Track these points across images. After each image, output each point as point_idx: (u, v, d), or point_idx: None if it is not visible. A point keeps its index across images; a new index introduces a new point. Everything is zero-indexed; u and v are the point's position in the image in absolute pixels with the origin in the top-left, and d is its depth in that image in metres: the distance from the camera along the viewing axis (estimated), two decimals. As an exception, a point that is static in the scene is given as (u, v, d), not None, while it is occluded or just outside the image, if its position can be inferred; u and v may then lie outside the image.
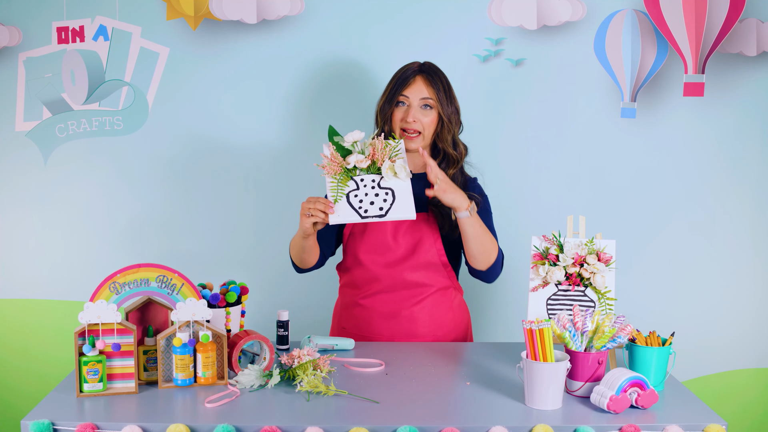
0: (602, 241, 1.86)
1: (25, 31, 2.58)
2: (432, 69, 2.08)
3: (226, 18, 2.53)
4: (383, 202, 1.87)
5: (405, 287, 2.09)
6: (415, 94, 2.04)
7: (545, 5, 2.53)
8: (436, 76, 2.06)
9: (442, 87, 2.05)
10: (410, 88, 2.05)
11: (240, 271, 2.62)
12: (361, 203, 1.87)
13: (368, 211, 1.86)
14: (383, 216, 1.86)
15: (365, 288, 2.12)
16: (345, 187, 1.88)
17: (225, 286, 1.85)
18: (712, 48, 2.47)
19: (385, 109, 2.07)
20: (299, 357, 1.71)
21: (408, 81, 2.05)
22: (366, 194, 1.88)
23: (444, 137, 2.07)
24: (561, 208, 2.60)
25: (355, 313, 2.15)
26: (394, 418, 1.50)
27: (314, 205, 1.86)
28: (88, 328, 1.62)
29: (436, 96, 2.04)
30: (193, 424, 1.47)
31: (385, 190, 1.88)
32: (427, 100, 2.04)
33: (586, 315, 1.67)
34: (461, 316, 2.19)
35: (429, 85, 2.04)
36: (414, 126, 2.03)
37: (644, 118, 2.60)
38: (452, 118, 2.07)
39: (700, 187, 2.64)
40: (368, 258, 2.09)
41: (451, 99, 2.07)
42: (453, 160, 2.08)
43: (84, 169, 2.65)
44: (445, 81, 2.08)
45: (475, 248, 1.98)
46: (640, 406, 1.55)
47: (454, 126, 2.08)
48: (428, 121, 2.05)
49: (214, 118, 2.63)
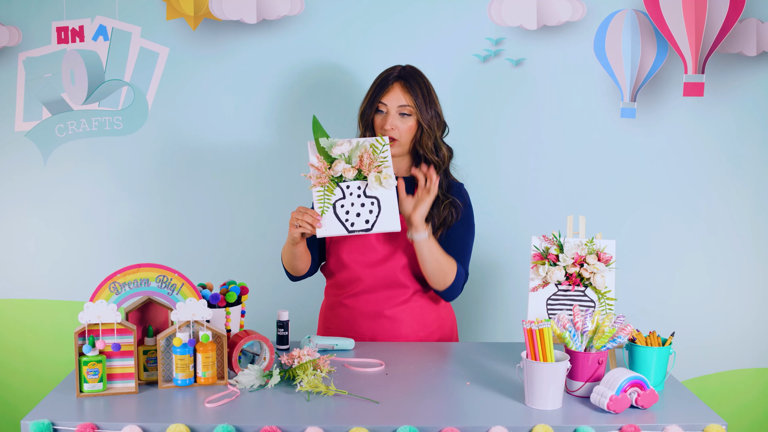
0: (602, 241, 1.86)
1: (25, 31, 2.58)
2: (411, 74, 2.05)
3: (226, 18, 2.53)
4: (369, 214, 1.90)
5: (387, 287, 2.09)
6: (393, 101, 2.02)
7: (545, 5, 2.53)
8: (414, 81, 2.03)
9: (420, 93, 2.02)
10: (388, 95, 2.03)
11: (240, 271, 2.62)
12: (348, 215, 1.90)
13: (355, 224, 1.90)
14: (369, 229, 1.90)
15: (348, 288, 2.13)
16: (332, 196, 1.91)
17: (225, 286, 1.85)
18: (712, 48, 2.47)
19: (366, 114, 2.06)
20: (299, 357, 1.71)
21: (386, 88, 2.03)
22: (352, 204, 1.90)
23: (424, 143, 2.04)
24: (561, 208, 2.59)
25: (339, 313, 2.15)
26: (394, 418, 1.50)
27: (302, 217, 1.89)
28: (88, 328, 1.62)
29: (414, 103, 2.02)
30: (193, 424, 1.47)
31: (371, 200, 1.90)
32: (404, 107, 2.02)
33: (586, 315, 1.67)
34: (445, 317, 2.18)
35: (407, 92, 2.02)
36: (391, 134, 2.02)
37: (644, 118, 2.60)
38: (432, 123, 2.04)
39: (700, 187, 2.64)
40: (350, 258, 2.10)
41: (430, 104, 2.04)
42: (436, 165, 2.05)
43: (84, 170, 2.65)
44: (424, 86, 2.05)
45: (431, 270, 1.99)
46: (640, 406, 1.56)
47: (435, 131, 2.05)
48: (405, 128, 2.03)
49: (213, 118, 2.63)
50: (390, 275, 2.07)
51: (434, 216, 2.03)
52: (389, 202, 1.90)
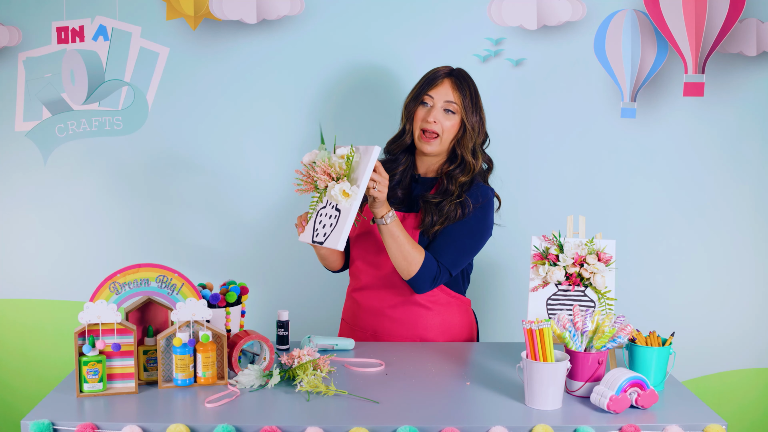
0: (602, 241, 1.86)
1: (25, 31, 2.58)
2: (462, 75, 2.07)
3: (226, 18, 2.53)
4: (329, 227, 1.86)
5: (386, 287, 2.10)
6: (440, 96, 2.03)
7: (545, 5, 2.53)
8: (464, 82, 2.05)
9: (468, 94, 2.04)
10: (436, 89, 2.04)
11: (240, 271, 2.62)
12: (319, 224, 1.90)
13: (318, 236, 1.89)
14: (322, 243, 1.87)
15: (354, 282, 2.18)
16: (319, 203, 1.92)
17: (225, 286, 1.85)
18: (712, 48, 2.47)
19: (410, 106, 2.07)
20: (299, 357, 1.71)
21: (435, 82, 2.04)
22: (327, 214, 1.89)
23: (465, 144, 2.05)
24: (561, 208, 2.59)
25: (349, 306, 2.22)
26: (394, 418, 1.50)
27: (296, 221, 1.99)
28: (88, 328, 1.62)
29: (461, 102, 2.02)
30: (193, 424, 1.47)
31: (336, 213, 1.86)
32: (450, 104, 2.03)
33: (586, 315, 1.67)
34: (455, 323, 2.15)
35: (456, 89, 2.03)
36: (434, 127, 2.02)
37: (644, 118, 2.60)
38: (475, 126, 2.05)
39: (700, 187, 2.64)
40: (357, 253, 2.14)
41: (476, 108, 2.05)
42: (468, 168, 2.05)
43: (84, 169, 2.65)
44: (474, 89, 2.06)
45: (392, 256, 1.98)
46: (640, 406, 1.56)
47: (477, 135, 2.06)
48: (449, 125, 2.03)
49: (213, 118, 2.63)
50: (387, 275, 2.08)
51: (436, 212, 2.02)
52: (345, 218, 1.82)
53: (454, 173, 2.06)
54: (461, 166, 2.06)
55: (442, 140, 2.04)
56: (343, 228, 1.82)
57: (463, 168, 2.06)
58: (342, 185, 1.82)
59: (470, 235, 2.05)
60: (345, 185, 1.82)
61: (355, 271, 2.16)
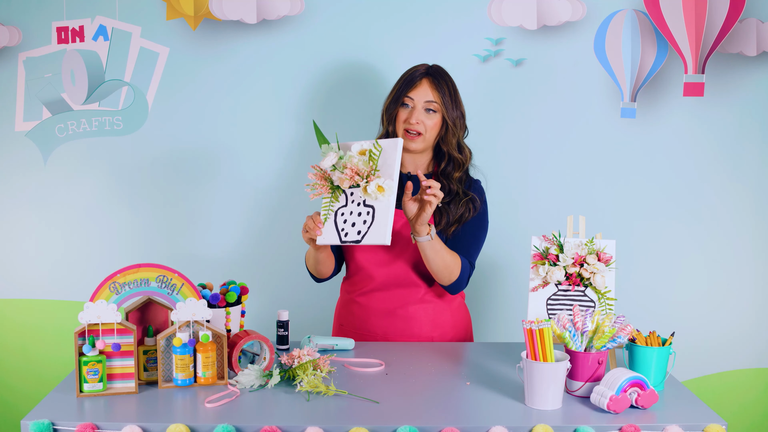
0: (602, 241, 1.86)
1: (25, 31, 2.58)
2: (439, 72, 2.07)
3: (226, 18, 2.53)
4: (363, 224, 1.84)
5: (399, 286, 2.10)
6: (420, 96, 2.04)
7: (545, 5, 2.53)
8: (442, 79, 2.06)
9: (447, 91, 2.05)
10: (415, 90, 2.04)
11: (240, 271, 2.62)
12: (345, 224, 1.86)
13: (348, 235, 1.85)
14: (359, 241, 1.84)
15: (360, 286, 2.14)
16: (335, 204, 1.88)
17: (225, 286, 1.85)
18: (712, 48, 2.47)
19: (391, 109, 2.07)
20: (299, 357, 1.71)
21: (414, 83, 2.05)
22: (351, 212, 1.86)
23: (449, 141, 2.07)
24: (561, 208, 2.59)
25: (352, 311, 2.17)
26: (394, 418, 1.50)
27: (308, 222, 1.91)
28: (88, 328, 1.62)
29: (441, 100, 2.04)
30: (193, 424, 1.47)
31: (369, 209, 1.85)
32: (431, 103, 2.04)
33: (586, 315, 1.67)
34: (460, 318, 2.19)
35: (434, 88, 2.04)
36: (416, 128, 2.03)
37: (644, 118, 2.60)
38: (457, 122, 2.06)
39: (700, 187, 2.64)
40: (362, 256, 2.11)
41: (456, 103, 2.07)
42: (458, 163, 2.09)
43: (84, 170, 2.65)
44: (452, 85, 2.07)
45: (436, 268, 1.99)
46: (640, 406, 1.56)
47: (459, 130, 2.08)
48: (431, 124, 2.04)
49: (213, 118, 2.63)
50: (401, 274, 2.08)
51: (450, 213, 2.05)
52: (383, 213, 1.82)
53: (447, 171, 2.08)
54: (451, 163, 2.09)
55: (425, 138, 2.05)
56: (386, 222, 1.81)
57: (454, 165, 2.09)
58: (377, 181, 1.82)
59: (482, 227, 2.12)
60: (379, 181, 1.82)
61: (362, 275, 2.13)
